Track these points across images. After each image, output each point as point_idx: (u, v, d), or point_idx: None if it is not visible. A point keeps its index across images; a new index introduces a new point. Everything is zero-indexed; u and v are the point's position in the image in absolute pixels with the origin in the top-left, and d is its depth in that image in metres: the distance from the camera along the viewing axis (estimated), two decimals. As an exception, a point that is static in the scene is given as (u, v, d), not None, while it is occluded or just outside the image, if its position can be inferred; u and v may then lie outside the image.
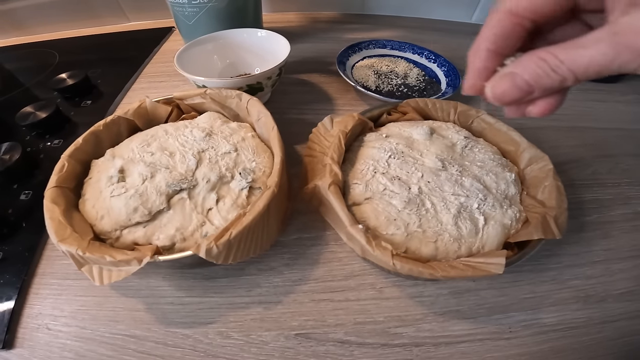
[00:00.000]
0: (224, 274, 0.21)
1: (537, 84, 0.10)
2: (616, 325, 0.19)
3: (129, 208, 0.18)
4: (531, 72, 0.10)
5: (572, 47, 0.09)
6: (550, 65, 0.10)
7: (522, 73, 0.10)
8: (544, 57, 0.10)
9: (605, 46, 0.09)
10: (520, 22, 0.11)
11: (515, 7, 0.10)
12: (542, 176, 0.20)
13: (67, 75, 0.34)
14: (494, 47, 0.11)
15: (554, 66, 0.10)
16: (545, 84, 0.10)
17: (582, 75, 0.09)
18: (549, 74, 0.10)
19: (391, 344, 0.18)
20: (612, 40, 0.09)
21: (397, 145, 0.21)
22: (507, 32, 0.11)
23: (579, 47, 0.09)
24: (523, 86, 0.10)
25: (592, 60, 0.09)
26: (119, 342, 0.18)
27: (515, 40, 0.11)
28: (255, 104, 0.23)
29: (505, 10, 0.11)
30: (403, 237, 0.17)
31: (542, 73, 0.10)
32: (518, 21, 0.11)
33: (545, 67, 0.10)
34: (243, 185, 0.19)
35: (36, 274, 0.21)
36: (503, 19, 0.11)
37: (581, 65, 0.09)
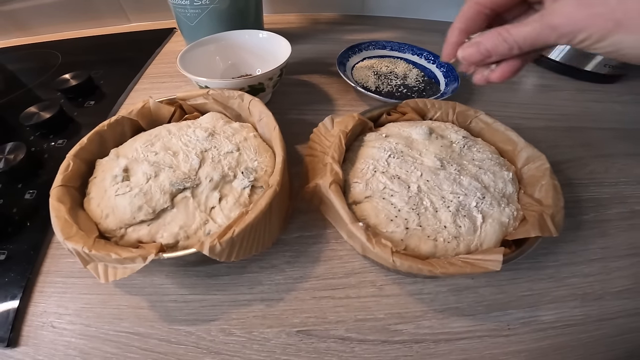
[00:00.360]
0: (226, 272, 0.21)
1: (494, 50, 0.14)
2: (614, 322, 0.19)
3: (134, 206, 0.18)
4: (491, 41, 0.14)
5: (518, 25, 0.14)
6: (504, 36, 0.14)
7: (484, 41, 0.15)
8: (500, 31, 0.14)
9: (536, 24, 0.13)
10: (482, 10, 0.15)
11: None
12: (539, 175, 0.20)
13: (71, 75, 0.34)
14: (464, 27, 0.16)
15: (506, 37, 0.14)
16: (499, 51, 0.14)
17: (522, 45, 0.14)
18: (502, 43, 0.14)
19: (391, 340, 0.18)
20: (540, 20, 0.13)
21: (396, 144, 0.22)
22: (473, 16, 0.15)
23: (521, 25, 0.14)
24: (484, 51, 0.15)
25: (527, 35, 0.13)
26: (123, 340, 0.18)
27: (479, 22, 0.16)
28: (257, 104, 0.24)
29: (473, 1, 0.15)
30: (402, 234, 0.18)
31: (498, 42, 0.14)
32: (481, 9, 0.15)
33: (500, 38, 0.14)
34: (245, 184, 0.20)
35: (41, 272, 0.21)
36: (471, 7, 0.15)
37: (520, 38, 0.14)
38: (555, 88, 0.36)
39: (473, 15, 0.15)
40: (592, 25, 0.12)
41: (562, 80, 0.37)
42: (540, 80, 0.37)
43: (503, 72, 0.15)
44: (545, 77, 0.38)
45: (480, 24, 0.16)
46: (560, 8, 0.12)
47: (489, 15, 0.15)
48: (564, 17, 0.12)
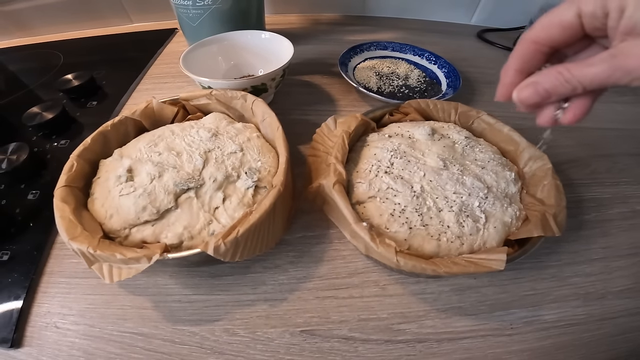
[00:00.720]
0: (229, 272, 0.21)
1: (554, 91, 0.13)
2: (616, 322, 0.19)
3: (138, 207, 0.18)
4: (550, 81, 0.13)
5: (582, 65, 0.13)
6: (565, 77, 0.13)
7: (542, 82, 0.14)
8: (561, 71, 0.13)
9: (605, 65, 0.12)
10: (540, 49, 0.14)
11: (536, 37, 0.14)
12: (541, 175, 0.20)
13: (73, 76, 0.34)
14: (520, 67, 0.15)
15: (568, 78, 0.13)
16: (560, 92, 0.13)
17: (588, 86, 0.13)
18: (563, 84, 0.13)
19: (395, 340, 0.18)
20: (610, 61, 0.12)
21: (399, 145, 0.22)
22: (530, 56, 0.14)
23: (587, 65, 0.13)
24: (542, 92, 0.14)
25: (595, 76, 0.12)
26: (127, 340, 0.18)
27: (536, 62, 0.14)
28: (260, 104, 0.24)
29: (529, 40, 0.14)
30: (406, 234, 0.18)
31: (558, 83, 0.13)
32: (538, 48, 0.14)
33: (561, 79, 0.13)
34: (249, 185, 0.20)
35: (44, 273, 0.21)
36: (527, 46, 0.14)
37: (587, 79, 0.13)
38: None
39: (530, 55, 0.14)
40: None
41: (563, 80, 0.37)
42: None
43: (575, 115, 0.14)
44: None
45: (538, 63, 0.14)
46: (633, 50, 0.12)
47: (547, 53, 0.14)
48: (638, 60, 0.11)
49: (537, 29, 0.14)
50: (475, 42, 0.44)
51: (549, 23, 0.14)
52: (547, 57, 0.15)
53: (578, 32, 0.13)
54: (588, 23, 0.13)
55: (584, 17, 0.13)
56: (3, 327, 0.18)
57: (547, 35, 0.14)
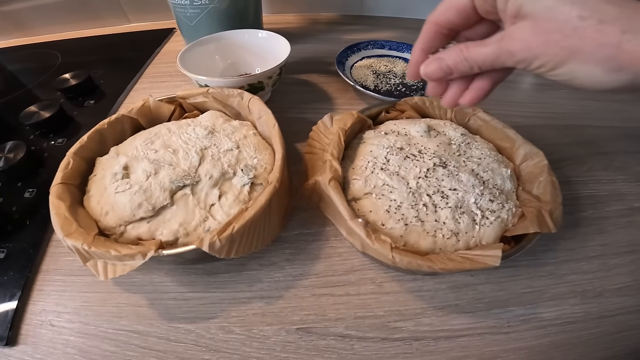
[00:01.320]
0: (225, 270, 0.21)
1: (455, 67, 0.14)
2: (614, 320, 0.19)
3: (133, 204, 0.18)
4: (452, 58, 0.14)
5: (478, 44, 0.14)
6: (464, 55, 0.14)
7: (446, 57, 0.15)
8: (462, 48, 0.14)
9: (495, 47, 0.13)
10: (440, 31, 0.15)
11: (436, 19, 0.15)
12: (537, 172, 0.20)
13: (71, 75, 0.34)
14: (425, 47, 0.16)
15: (466, 56, 0.14)
16: (460, 69, 0.14)
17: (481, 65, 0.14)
18: (463, 61, 0.14)
19: (391, 338, 0.18)
20: (498, 43, 0.13)
21: (395, 142, 0.22)
22: (433, 36, 0.15)
23: (481, 45, 0.13)
24: (445, 68, 0.14)
25: (486, 56, 0.13)
26: (122, 338, 0.18)
27: (438, 42, 0.16)
28: (257, 102, 0.24)
29: (431, 21, 0.15)
30: (402, 231, 0.18)
31: (459, 60, 0.14)
32: (439, 29, 0.15)
33: (461, 56, 0.14)
34: (245, 182, 0.20)
35: (40, 271, 0.21)
36: (430, 27, 0.15)
37: (480, 58, 0.13)
38: (553, 87, 0.36)
39: (432, 35, 0.15)
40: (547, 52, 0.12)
41: (560, 79, 0.37)
42: (538, 79, 0.38)
43: (472, 96, 0.15)
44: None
45: (441, 43, 0.15)
46: (517, 33, 0.12)
47: (447, 34, 0.15)
48: (521, 43, 0.12)
49: (438, 11, 0.15)
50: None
51: (447, 6, 0.14)
52: (448, 38, 0.16)
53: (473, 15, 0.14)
54: (480, 6, 0.13)
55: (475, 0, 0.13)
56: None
57: (446, 18, 0.14)
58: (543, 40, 0.12)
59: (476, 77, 0.15)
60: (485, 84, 0.15)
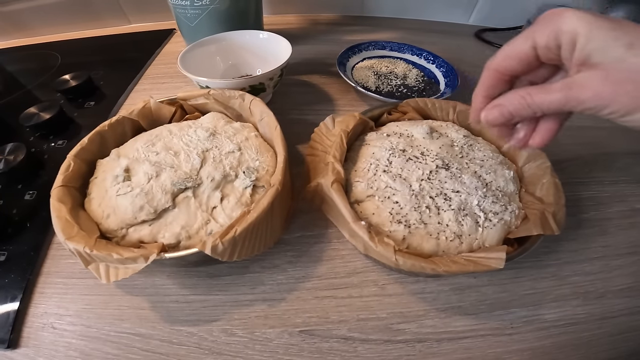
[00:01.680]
0: (227, 272, 0.21)
1: (517, 113, 0.15)
2: (616, 321, 0.19)
3: (135, 206, 0.18)
4: (513, 104, 0.15)
5: (542, 91, 0.14)
6: (527, 101, 0.14)
7: (507, 104, 0.15)
8: (524, 95, 0.14)
9: (562, 94, 0.13)
10: (502, 78, 0.15)
11: (497, 67, 0.15)
12: (540, 173, 0.20)
13: (71, 76, 0.34)
14: (486, 94, 0.16)
15: (529, 103, 0.14)
16: (522, 114, 0.15)
17: (546, 111, 0.14)
18: (525, 107, 0.14)
19: (394, 340, 0.18)
20: (566, 91, 0.13)
21: (398, 143, 0.22)
22: (494, 84, 0.16)
23: (546, 92, 0.14)
24: (506, 114, 0.15)
25: (552, 103, 0.14)
26: (124, 341, 0.18)
27: (500, 88, 0.16)
28: (258, 104, 0.24)
29: (492, 69, 0.15)
30: (405, 233, 0.18)
31: (520, 107, 0.14)
32: (500, 77, 0.15)
33: (523, 103, 0.14)
34: (247, 184, 0.20)
35: (41, 273, 0.21)
36: (491, 75, 0.15)
37: (545, 105, 0.14)
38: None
39: (494, 82, 0.15)
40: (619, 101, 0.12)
41: (561, 79, 0.37)
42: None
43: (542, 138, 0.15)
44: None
45: (502, 90, 0.16)
46: (586, 82, 0.12)
47: (509, 81, 0.15)
48: (591, 92, 0.12)
49: (498, 59, 0.15)
50: (473, 41, 0.44)
51: (508, 55, 0.15)
52: (509, 84, 0.16)
53: (535, 62, 0.14)
54: (543, 55, 0.14)
55: (539, 49, 0.14)
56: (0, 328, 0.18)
57: (507, 65, 0.15)
58: (614, 90, 0.12)
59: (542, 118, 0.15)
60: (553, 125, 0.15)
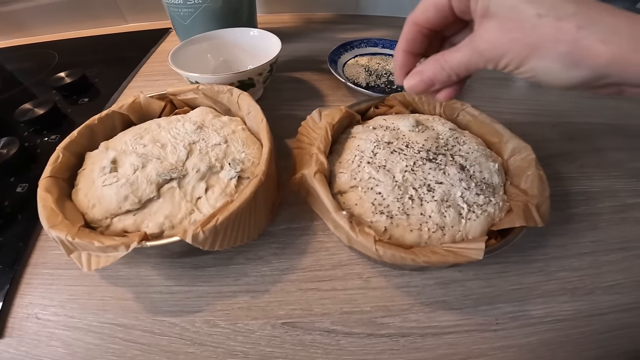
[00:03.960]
0: (212, 263, 0.21)
1: (435, 79, 0.15)
2: (605, 318, 0.19)
3: (120, 196, 0.18)
4: (431, 70, 0.14)
5: (452, 51, 0.14)
6: (441, 64, 0.14)
7: (425, 70, 0.15)
8: (438, 58, 0.14)
9: (466, 49, 0.13)
10: (421, 31, 0.15)
11: (416, 19, 0.15)
12: (524, 166, 0.20)
13: (66, 74, 0.35)
14: (407, 48, 0.16)
15: (443, 65, 0.14)
16: (439, 78, 0.14)
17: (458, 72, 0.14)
18: (441, 71, 0.14)
19: (377, 334, 0.18)
20: (469, 45, 0.13)
21: (383, 136, 0.22)
22: (414, 37, 0.15)
23: (455, 51, 0.13)
24: (426, 80, 0.15)
25: (460, 61, 0.13)
26: (106, 331, 0.18)
27: (420, 42, 0.16)
28: (246, 98, 0.24)
29: (411, 22, 0.15)
30: (387, 224, 0.18)
31: (437, 71, 0.14)
32: (419, 30, 0.15)
33: (438, 66, 0.14)
34: (232, 175, 0.20)
35: (29, 264, 0.21)
36: (410, 28, 0.15)
37: (455, 65, 0.13)
38: (547, 84, 0.36)
39: (413, 36, 0.15)
40: (511, 50, 0.12)
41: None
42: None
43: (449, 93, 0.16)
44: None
45: (421, 44, 0.16)
46: (485, 33, 0.12)
47: (427, 34, 0.15)
48: (488, 42, 0.12)
49: (417, 11, 0.15)
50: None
51: (426, 5, 0.14)
52: (429, 39, 0.16)
53: (450, 15, 0.14)
54: (456, 6, 0.13)
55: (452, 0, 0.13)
56: None
57: (425, 17, 0.14)
58: (507, 39, 0.12)
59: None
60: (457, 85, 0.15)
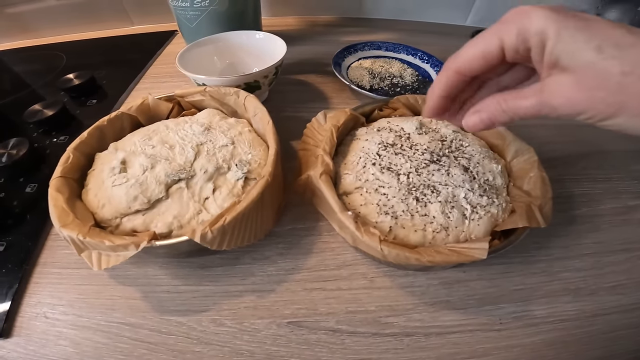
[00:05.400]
0: (219, 263, 0.21)
1: (495, 120, 0.14)
2: (608, 318, 0.19)
3: (129, 196, 0.19)
4: (491, 111, 0.14)
5: (517, 97, 0.13)
6: (503, 108, 0.14)
7: (485, 111, 0.15)
8: (500, 101, 0.14)
9: (535, 100, 0.13)
10: (463, 79, 0.15)
11: (459, 68, 0.15)
12: (527, 168, 0.21)
13: (74, 75, 0.35)
14: (444, 94, 0.16)
15: (505, 109, 0.14)
16: (500, 120, 0.14)
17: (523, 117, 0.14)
18: (502, 114, 0.14)
19: (382, 333, 0.18)
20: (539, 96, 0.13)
21: (387, 138, 0.22)
22: (454, 85, 0.15)
23: (521, 98, 0.13)
24: (486, 121, 0.15)
25: (527, 110, 0.13)
26: (114, 330, 0.18)
27: (459, 89, 0.16)
28: (252, 100, 0.24)
29: (453, 70, 0.15)
30: (392, 224, 0.18)
31: (497, 113, 0.14)
32: (461, 78, 0.15)
33: (499, 109, 0.14)
34: (239, 176, 0.20)
35: (38, 264, 0.21)
36: (451, 76, 0.15)
37: (521, 111, 0.14)
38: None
39: (454, 84, 0.15)
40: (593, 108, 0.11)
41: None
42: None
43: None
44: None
45: (461, 90, 0.16)
46: (558, 87, 0.12)
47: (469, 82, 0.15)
48: (563, 99, 0.12)
49: (460, 59, 0.14)
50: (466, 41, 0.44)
51: (472, 56, 0.14)
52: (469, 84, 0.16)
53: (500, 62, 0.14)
54: (510, 56, 0.13)
55: (506, 50, 0.13)
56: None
57: (470, 67, 0.14)
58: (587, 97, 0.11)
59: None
60: None
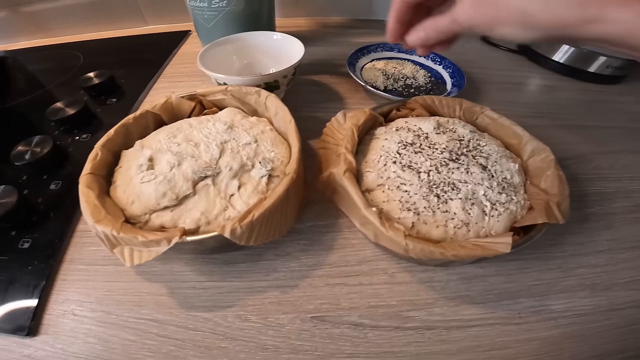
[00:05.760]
0: (242, 260, 0.22)
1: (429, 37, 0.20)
2: (623, 313, 0.19)
3: (158, 193, 0.19)
4: (426, 30, 0.20)
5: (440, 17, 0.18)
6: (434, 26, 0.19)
7: (422, 30, 0.20)
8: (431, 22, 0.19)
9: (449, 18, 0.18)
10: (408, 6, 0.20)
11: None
12: (544, 166, 0.21)
13: (94, 74, 0.36)
14: (397, 19, 0.21)
15: (433, 27, 0.19)
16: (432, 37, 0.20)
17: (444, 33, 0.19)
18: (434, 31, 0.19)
19: (404, 327, 0.19)
20: (450, 16, 0.18)
21: (407, 137, 0.23)
22: (403, 10, 0.21)
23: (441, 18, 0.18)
24: (423, 38, 0.20)
25: (444, 26, 0.18)
26: (142, 327, 0.19)
27: (408, 14, 0.21)
28: (273, 99, 0.25)
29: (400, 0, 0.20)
30: (414, 219, 0.18)
31: (431, 31, 0.19)
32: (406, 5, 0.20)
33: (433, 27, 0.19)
34: (263, 173, 0.21)
35: (64, 261, 0.22)
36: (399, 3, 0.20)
37: (442, 29, 0.19)
38: (560, 89, 0.37)
39: (403, 10, 0.20)
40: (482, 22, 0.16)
41: (565, 81, 0.38)
42: (545, 81, 0.38)
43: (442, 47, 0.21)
44: (549, 79, 0.38)
45: (409, 15, 0.21)
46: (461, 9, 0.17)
47: (414, 7, 0.20)
48: (465, 15, 0.17)
49: None
50: (479, 44, 0.45)
51: None
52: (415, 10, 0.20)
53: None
54: None
55: None
56: (20, 316, 0.18)
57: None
58: (477, 13, 0.16)
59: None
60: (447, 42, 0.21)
